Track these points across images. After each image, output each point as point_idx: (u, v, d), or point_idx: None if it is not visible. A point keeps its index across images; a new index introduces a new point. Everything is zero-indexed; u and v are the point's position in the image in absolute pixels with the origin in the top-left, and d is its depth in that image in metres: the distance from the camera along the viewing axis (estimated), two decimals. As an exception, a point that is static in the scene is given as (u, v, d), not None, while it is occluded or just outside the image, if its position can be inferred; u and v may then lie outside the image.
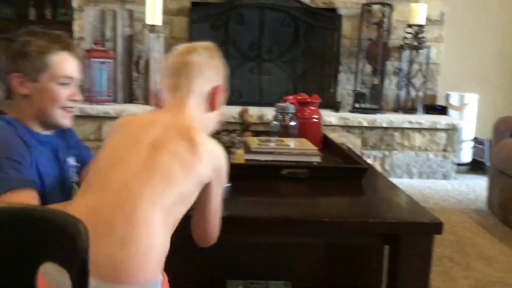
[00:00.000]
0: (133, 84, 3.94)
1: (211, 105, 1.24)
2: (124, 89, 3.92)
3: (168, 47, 3.96)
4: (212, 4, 4.02)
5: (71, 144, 1.50)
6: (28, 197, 1.23)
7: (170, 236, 1.04)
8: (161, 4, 3.73)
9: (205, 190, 1.12)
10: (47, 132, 1.42)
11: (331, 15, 4.09)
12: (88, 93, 3.75)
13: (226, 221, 1.20)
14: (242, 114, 2.14)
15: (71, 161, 1.46)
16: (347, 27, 4.12)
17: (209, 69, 1.24)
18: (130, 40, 3.90)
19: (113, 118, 3.66)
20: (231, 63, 4.07)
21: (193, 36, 3.97)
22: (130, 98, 3.93)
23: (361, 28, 4.07)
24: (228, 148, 1.83)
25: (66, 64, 1.38)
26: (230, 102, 4.16)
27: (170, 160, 1.06)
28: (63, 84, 1.37)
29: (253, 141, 1.77)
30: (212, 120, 1.27)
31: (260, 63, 4.18)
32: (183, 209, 1.08)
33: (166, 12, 3.91)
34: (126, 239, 0.97)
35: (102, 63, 3.74)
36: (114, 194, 1.02)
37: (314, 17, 4.09)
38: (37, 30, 1.41)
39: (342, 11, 4.10)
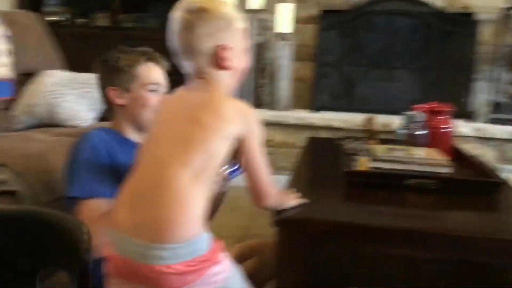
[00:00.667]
0: (260, 91, 4.06)
1: (219, 64, 1.20)
2: (251, 95, 4.05)
3: (296, 55, 4.03)
4: (342, 11, 4.01)
5: None
6: (95, 206, 1.38)
7: (207, 192, 1.12)
8: (291, 13, 3.81)
9: (241, 149, 1.18)
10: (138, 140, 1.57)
11: (467, 20, 3.86)
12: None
13: (351, 228, 1.20)
14: (367, 122, 2.11)
15: None
16: (484, 32, 3.86)
17: (205, 28, 1.18)
18: (259, 48, 4.03)
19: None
20: (359, 70, 4.03)
21: (321, 43, 3.99)
22: (257, 104, 4.06)
23: (501, 34, 3.80)
24: (351, 155, 1.82)
25: (152, 73, 1.58)
26: (356, 109, 4.13)
27: (192, 126, 1.13)
28: (152, 90, 1.56)
29: (378, 149, 1.73)
30: (229, 79, 1.24)
31: (389, 70, 4.07)
32: (214, 165, 1.13)
33: (296, 20, 3.98)
34: (161, 202, 1.07)
35: (233, 69, 3.90)
36: (148, 168, 1.14)
37: (448, 22, 3.90)
38: (126, 48, 1.61)
39: (479, 16, 3.86)
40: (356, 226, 1.27)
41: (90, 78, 2.77)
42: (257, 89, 4.07)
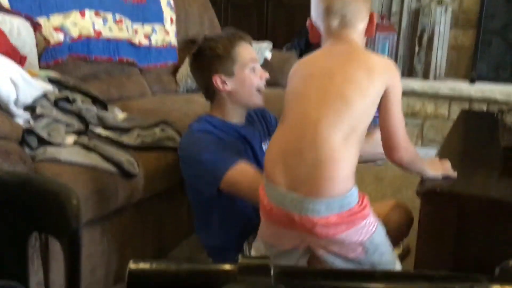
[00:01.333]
0: (414, 59, 3.90)
1: (369, 32, 1.31)
2: (404, 63, 3.91)
3: (456, 21, 3.78)
4: (510, -28, 3.65)
5: (270, 129, 1.67)
6: (245, 168, 1.46)
7: (357, 152, 1.18)
8: (452, -24, 3.57)
9: (382, 102, 1.21)
10: (240, 122, 1.63)
11: None
12: (369, 67, 3.86)
13: (504, 207, 1.14)
14: (533, 95, 1.94)
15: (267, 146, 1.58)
16: None
17: (362, 3, 1.28)
18: (416, 14, 3.85)
19: (390, 92, 3.71)
20: (527, 38, 3.66)
21: (486, 8, 3.69)
22: (409, 73, 3.90)
23: None
24: (512, 130, 1.69)
25: (249, 51, 1.60)
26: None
27: (345, 85, 1.18)
28: (252, 69, 1.58)
29: (544, 125, 1.60)
30: (363, 42, 1.33)
31: None
32: (363, 124, 1.19)
33: (457, -17, 3.72)
34: (315, 160, 1.14)
35: (386, 37, 3.79)
36: (297, 125, 1.19)
37: None
38: (213, 36, 1.67)
39: None
40: (510, 205, 1.20)
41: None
42: (411, 57, 3.90)
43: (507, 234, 1.24)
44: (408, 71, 3.91)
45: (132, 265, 0.43)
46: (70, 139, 1.64)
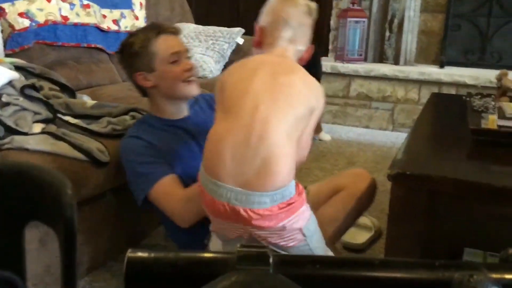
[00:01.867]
0: (384, 44, 3.93)
1: (303, 59, 1.42)
2: (375, 49, 3.94)
3: (426, 5, 3.82)
4: (478, -43, 3.70)
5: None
6: (170, 182, 1.48)
7: (295, 151, 1.24)
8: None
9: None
10: (180, 116, 1.63)
11: None
12: (340, 52, 3.88)
13: (472, 187, 1.17)
14: (500, 78, 1.98)
15: None
16: None
17: (307, 29, 1.41)
18: (385, -1, 3.88)
19: (362, 76, 3.74)
20: (494, 22, 3.73)
21: (453, -7, 3.74)
22: (380, 58, 3.94)
23: None
24: (480, 112, 1.73)
25: (168, 44, 1.57)
26: (489, 65, 3.85)
27: (290, 89, 1.26)
28: (174, 61, 1.56)
29: (510, 107, 1.63)
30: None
31: (529, 23, 3.72)
32: (300, 128, 1.26)
33: (426, -32, 3.76)
34: (264, 156, 1.19)
35: (357, 22, 3.81)
36: (248, 117, 1.22)
37: None
38: (136, 30, 1.64)
39: None
40: (479, 186, 1.23)
41: (217, 31, 2.89)
42: (382, 42, 3.94)
43: (475, 213, 1.27)
44: (379, 56, 3.95)
45: (130, 254, 0.43)
46: (38, 127, 1.60)
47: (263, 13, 1.40)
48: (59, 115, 1.72)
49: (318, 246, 1.34)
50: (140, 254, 0.43)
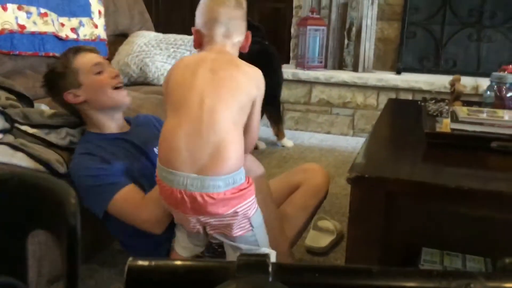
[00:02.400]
0: (344, 51, 4.01)
1: (243, 47, 1.51)
2: (334, 56, 4.01)
3: (382, 14, 3.92)
4: (431, -33, 3.83)
5: (156, 133, 1.61)
6: (132, 190, 1.51)
7: (242, 137, 1.35)
8: (377, -30, 3.70)
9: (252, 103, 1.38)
10: (121, 130, 1.66)
11: None
12: (301, 59, 3.94)
13: (428, 188, 1.21)
14: (453, 83, 2.05)
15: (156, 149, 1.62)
16: None
17: (240, 21, 1.47)
18: (344, 8, 3.96)
19: (322, 83, 3.80)
20: (448, 29, 3.86)
21: (409, 1, 3.85)
22: (340, 65, 4.02)
23: None
24: (435, 116, 1.79)
25: (88, 57, 1.64)
26: (443, 71, 3.97)
27: (231, 82, 1.35)
28: (98, 72, 1.62)
29: (462, 111, 1.69)
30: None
31: (480, 30, 3.87)
32: (244, 116, 1.36)
33: (382, -23, 3.86)
34: (215, 143, 1.28)
35: (316, 30, 3.87)
36: (195, 113, 1.30)
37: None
38: (54, 61, 1.71)
39: None
40: (434, 187, 1.27)
41: (178, 39, 2.89)
42: (341, 49, 4.02)
43: (431, 213, 1.31)
44: (338, 64, 4.02)
45: (131, 262, 0.43)
46: (-6, 137, 1.57)
47: (196, 15, 1.48)
48: (17, 125, 1.69)
49: (264, 240, 1.43)
50: (140, 262, 0.43)
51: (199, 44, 1.49)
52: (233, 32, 1.45)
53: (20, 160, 1.51)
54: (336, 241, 2.04)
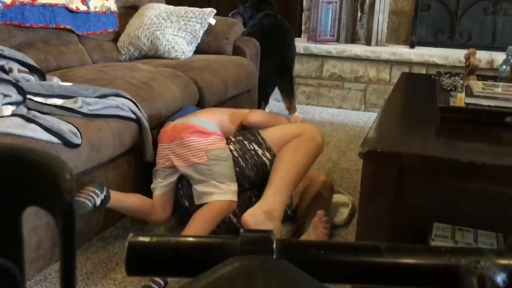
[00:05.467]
0: (357, 25, 3.95)
1: None
2: (347, 29, 3.96)
3: (396, -14, 3.84)
4: None
5: None
6: None
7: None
8: None
9: None
10: None
11: None
12: (313, 32, 3.89)
13: (441, 163, 1.20)
14: (468, 57, 2.02)
15: None
16: None
17: None
18: (357, -21, 3.89)
19: (334, 57, 3.76)
20: (463, 2, 3.78)
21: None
22: (352, 38, 3.96)
23: None
24: (449, 91, 1.76)
25: None
26: (458, 44, 3.89)
27: None
28: None
29: (477, 85, 1.67)
30: None
31: (496, 3, 3.78)
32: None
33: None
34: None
35: (329, 2, 3.81)
36: None
37: None
38: None
39: None
40: (446, 162, 1.26)
41: (189, 12, 2.86)
42: (354, 23, 3.96)
43: (443, 189, 1.31)
44: (351, 37, 3.97)
45: (131, 239, 0.42)
46: (8, 110, 1.58)
47: None
48: (30, 97, 1.69)
49: (221, 173, 1.75)
50: (141, 238, 0.43)
51: None
52: None
53: (33, 131, 1.52)
54: (353, 211, 2.06)
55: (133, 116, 1.87)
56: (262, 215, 1.64)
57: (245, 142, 1.81)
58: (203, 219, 1.70)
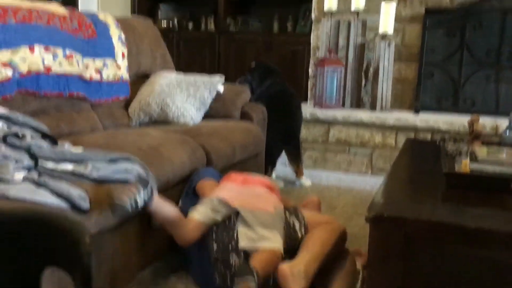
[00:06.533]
0: (361, 91, 4.04)
1: None
2: (352, 95, 4.04)
3: (399, 55, 3.96)
4: (448, 10, 3.88)
5: None
6: None
7: None
8: (394, 13, 3.76)
9: None
10: None
11: None
12: (319, 98, 3.97)
13: (448, 229, 1.20)
14: (471, 123, 2.05)
15: None
16: None
17: None
18: (361, 49, 4.01)
19: (340, 122, 3.82)
20: (466, 70, 3.87)
21: (426, 42, 3.89)
22: (357, 104, 4.04)
23: None
24: (454, 157, 1.79)
25: None
26: (462, 110, 3.95)
27: None
28: None
29: (482, 151, 1.69)
30: None
31: (499, 71, 3.87)
32: None
33: (399, 20, 3.91)
34: None
35: (334, 70, 3.92)
36: None
37: None
38: None
39: None
40: (454, 227, 1.27)
41: (198, 80, 2.95)
42: (359, 89, 4.05)
43: (451, 255, 1.30)
44: (356, 103, 4.05)
45: None
46: (19, 175, 1.61)
47: None
48: (41, 163, 1.73)
49: (278, 228, 1.92)
50: None
51: None
52: None
53: (43, 197, 1.54)
54: (362, 281, 2.02)
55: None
56: (303, 269, 1.70)
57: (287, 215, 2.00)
58: (263, 263, 1.79)
